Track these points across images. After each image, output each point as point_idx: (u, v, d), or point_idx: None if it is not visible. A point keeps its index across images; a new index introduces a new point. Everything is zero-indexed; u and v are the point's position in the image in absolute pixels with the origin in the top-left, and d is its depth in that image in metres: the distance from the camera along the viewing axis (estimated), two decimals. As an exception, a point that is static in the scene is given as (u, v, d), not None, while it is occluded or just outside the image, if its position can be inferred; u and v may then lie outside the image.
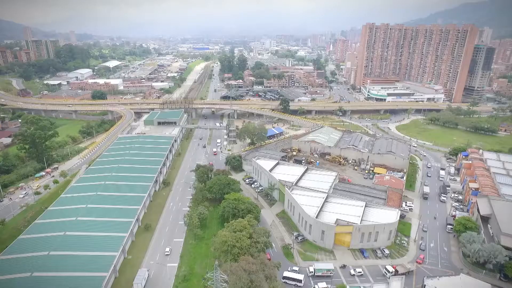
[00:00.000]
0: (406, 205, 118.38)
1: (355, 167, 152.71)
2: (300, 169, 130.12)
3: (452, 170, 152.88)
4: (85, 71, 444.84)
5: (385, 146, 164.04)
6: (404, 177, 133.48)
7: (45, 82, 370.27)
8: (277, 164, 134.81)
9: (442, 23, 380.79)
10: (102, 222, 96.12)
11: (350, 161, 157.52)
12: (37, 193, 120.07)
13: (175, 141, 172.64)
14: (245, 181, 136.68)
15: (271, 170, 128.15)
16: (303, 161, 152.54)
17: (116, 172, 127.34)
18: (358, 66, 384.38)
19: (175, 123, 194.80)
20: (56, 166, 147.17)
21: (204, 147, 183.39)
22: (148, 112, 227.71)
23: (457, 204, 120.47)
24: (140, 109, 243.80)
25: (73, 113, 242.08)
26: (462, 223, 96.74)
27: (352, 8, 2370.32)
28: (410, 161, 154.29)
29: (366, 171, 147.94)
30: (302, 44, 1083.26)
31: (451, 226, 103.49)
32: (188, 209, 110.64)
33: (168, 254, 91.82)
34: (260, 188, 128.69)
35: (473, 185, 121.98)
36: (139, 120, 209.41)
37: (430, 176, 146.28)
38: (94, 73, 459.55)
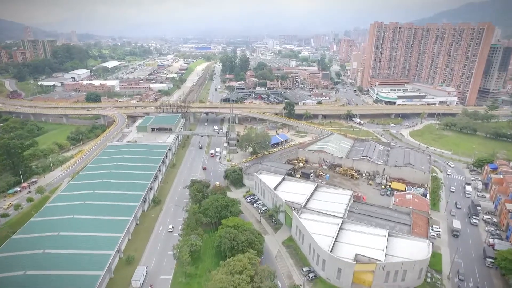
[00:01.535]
0: (432, 229, 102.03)
1: (370, 181, 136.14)
2: (309, 186, 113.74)
3: (479, 185, 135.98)
4: (82, 72, 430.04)
5: (402, 157, 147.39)
6: (428, 196, 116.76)
7: (39, 83, 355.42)
8: (283, 180, 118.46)
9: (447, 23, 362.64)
10: (74, 256, 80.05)
11: (363, 174, 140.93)
12: (4, 215, 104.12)
13: (170, 150, 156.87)
14: (246, 199, 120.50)
15: (276, 187, 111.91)
16: (312, 175, 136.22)
17: (99, 189, 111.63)
18: (365, 67, 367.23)
19: (170, 129, 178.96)
20: (35, 179, 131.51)
21: (201, 148, 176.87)
22: (143, 116, 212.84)
23: (493, 229, 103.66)
24: (135, 113, 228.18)
25: (63, 117, 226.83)
26: (509, 259, 79.95)
27: (354, 8, 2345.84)
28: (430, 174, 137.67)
29: (383, 186, 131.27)
30: (305, 44, 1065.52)
31: (491, 260, 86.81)
32: (180, 235, 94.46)
33: None
34: (263, 209, 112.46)
35: (511, 206, 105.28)
36: (132, 126, 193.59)
37: (460, 208, 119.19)
38: (92, 73, 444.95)
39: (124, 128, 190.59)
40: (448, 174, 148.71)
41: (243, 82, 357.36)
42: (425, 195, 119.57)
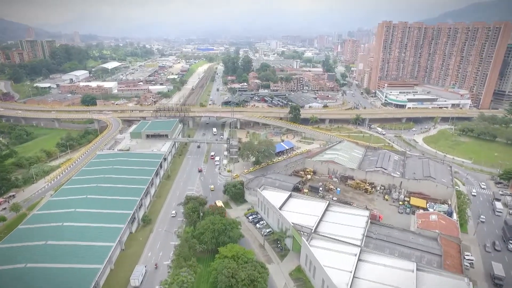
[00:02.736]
0: (464, 258, 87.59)
1: (385, 196, 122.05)
2: (319, 205, 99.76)
3: (510, 201, 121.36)
4: (81, 73, 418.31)
5: (420, 168, 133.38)
6: (455, 215, 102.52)
7: (35, 85, 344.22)
8: (289, 197, 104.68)
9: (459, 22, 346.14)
10: (41, 295, 67.13)
11: (378, 188, 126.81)
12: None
13: (165, 159, 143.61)
14: (248, 218, 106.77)
15: (281, 206, 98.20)
16: (321, 189, 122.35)
17: (81, 207, 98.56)
18: (373, 68, 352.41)
19: (166, 135, 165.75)
20: (13, 193, 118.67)
21: (199, 147, 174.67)
22: (139, 121, 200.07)
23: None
24: (130, 117, 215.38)
25: (56, 121, 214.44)
26: None
27: (358, 9, 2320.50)
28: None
29: (401, 203, 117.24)
30: (309, 45, 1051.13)
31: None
32: (169, 267, 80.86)
33: None
34: (267, 231, 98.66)
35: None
36: (126, 132, 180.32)
37: (499, 250, 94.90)
38: (91, 75, 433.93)
39: (117, 134, 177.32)
40: (473, 195, 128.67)
41: (245, 83, 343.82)
42: (450, 214, 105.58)
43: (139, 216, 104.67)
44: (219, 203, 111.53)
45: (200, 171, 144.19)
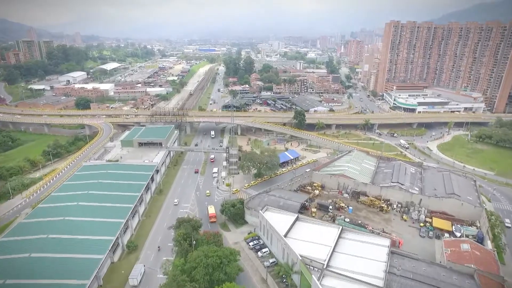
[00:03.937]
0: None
1: (403, 216, 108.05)
2: (331, 232, 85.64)
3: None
4: (78, 74, 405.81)
5: (441, 183, 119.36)
6: (489, 243, 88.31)
7: (29, 86, 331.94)
8: (296, 220, 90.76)
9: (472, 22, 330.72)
10: None
11: (394, 206, 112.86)
12: None
13: (157, 171, 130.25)
14: (248, 244, 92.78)
15: (287, 233, 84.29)
16: (331, 207, 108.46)
17: (56, 232, 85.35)
18: (380, 70, 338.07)
19: (160, 144, 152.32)
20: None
21: (196, 145, 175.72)
22: (133, 126, 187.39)
23: None
24: (124, 122, 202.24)
25: (45, 127, 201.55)
26: None
27: (359, 10, 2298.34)
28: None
29: (422, 224, 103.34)
30: (311, 46, 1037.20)
31: None
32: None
33: None
34: (271, 261, 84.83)
35: None
36: (118, 139, 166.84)
37: None
38: (89, 76, 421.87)
39: (108, 142, 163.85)
40: (507, 226, 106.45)
41: (247, 85, 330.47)
42: (481, 239, 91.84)
43: (123, 242, 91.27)
44: (211, 209, 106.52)
45: (196, 172, 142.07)
